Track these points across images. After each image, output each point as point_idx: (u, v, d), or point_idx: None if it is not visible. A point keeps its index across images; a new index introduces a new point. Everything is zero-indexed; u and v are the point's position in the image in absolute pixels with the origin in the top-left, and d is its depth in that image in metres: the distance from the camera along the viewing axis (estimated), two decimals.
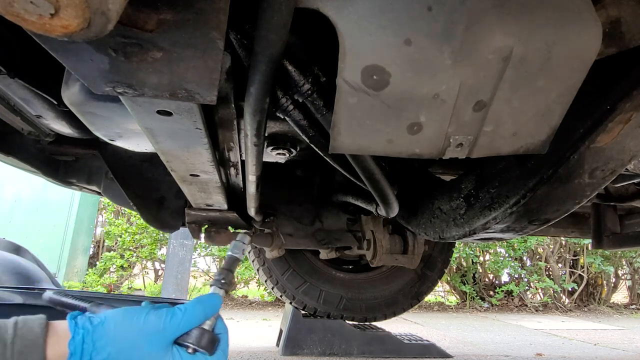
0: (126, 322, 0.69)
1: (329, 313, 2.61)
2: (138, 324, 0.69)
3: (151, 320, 0.69)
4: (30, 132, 1.28)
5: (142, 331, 0.69)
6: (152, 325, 0.69)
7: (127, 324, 0.69)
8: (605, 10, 0.69)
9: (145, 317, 0.70)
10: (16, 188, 5.70)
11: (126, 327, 0.68)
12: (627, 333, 4.83)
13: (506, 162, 0.95)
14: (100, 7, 0.36)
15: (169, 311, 0.72)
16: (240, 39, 0.71)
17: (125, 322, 0.69)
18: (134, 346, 0.68)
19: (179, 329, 0.71)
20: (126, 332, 0.68)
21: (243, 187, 1.33)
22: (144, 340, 0.68)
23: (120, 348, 0.67)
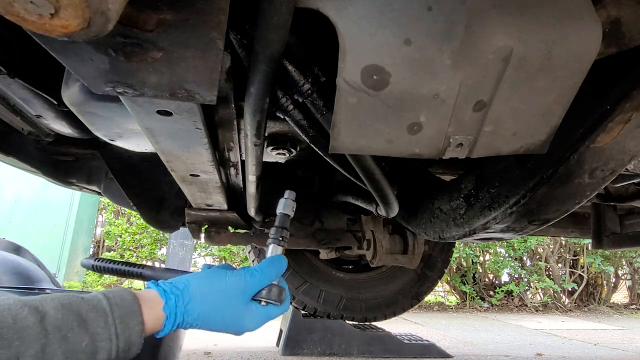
0: (211, 284, 0.76)
1: (329, 313, 2.61)
2: (222, 285, 0.76)
3: (233, 281, 0.77)
4: (30, 132, 1.28)
5: (226, 291, 0.76)
6: (235, 285, 0.77)
7: (212, 285, 0.76)
8: (605, 10, 0.69)
9: (228, 279, 0.77)
10: (16, 188, 5.70)
11: (211, 288, 0.76)
12: (627, 333, 4.83)
13: (506, 162, 0.95)
14: (100, 7, 0.36)
15: (247, 272, 0.80)
16: (240, 39, 0.71)
17: (210, 284, 0.76)
18: (220, 305, 0.75)
19: (257, 287, 0.80)
20: (212, 293, 0.75)
21: (243, 187, 1.33)
22: (228, 299, 0.76)
23: (208, 308, 0.74)
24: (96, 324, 0.62)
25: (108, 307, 0.65)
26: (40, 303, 0.59)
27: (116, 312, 0.65)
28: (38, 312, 0.58)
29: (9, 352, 0.53)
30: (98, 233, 6.99)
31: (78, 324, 0.60)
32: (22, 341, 0.54)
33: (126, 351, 0.65)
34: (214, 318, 0.75)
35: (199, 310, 0.74)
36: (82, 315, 0.61)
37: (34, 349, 0.55)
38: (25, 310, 0.57)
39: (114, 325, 0.64)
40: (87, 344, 0.60)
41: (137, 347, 0.67)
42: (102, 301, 0.65)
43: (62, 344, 0.58)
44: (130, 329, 0.66)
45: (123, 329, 0.65)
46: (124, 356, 0.66)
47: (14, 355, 0.53)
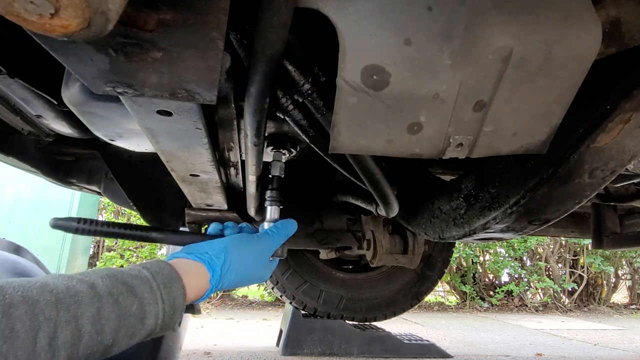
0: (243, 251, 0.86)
1: (329, 313, 2.61)
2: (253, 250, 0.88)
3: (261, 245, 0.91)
4: (30, 132, 1.28)
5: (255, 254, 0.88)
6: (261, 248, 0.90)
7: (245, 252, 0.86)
8: (605, 10, 0.69)
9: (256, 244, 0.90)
10: (16, 188, 5.69)
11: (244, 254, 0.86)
12: (627, 333, 4.83)
13: (506, 162, 0.95)
14: (100, 7, 0.36)
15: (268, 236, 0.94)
16: (240, 39, 0.71)
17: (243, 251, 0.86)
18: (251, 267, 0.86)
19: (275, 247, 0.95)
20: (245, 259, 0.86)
21: (243, 187, 1.33)
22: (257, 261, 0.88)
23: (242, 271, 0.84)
24: (142, 289, 0.65)
25: (150, 275, 0.68)
26: (84, 275, 0.61)
27: (158, 279, 0.68)
28: (86, 281, 0.60)
29: (68, 314, 0.54)
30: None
31: (126, 290, 0.63)
32: (78, 305, 0.56)
33: (171, 316, 0.69)
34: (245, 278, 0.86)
35: (235, 274, 0.83)
36: (128, 283, 0.64)
37: (90, 312, 0.57)
38: (74, 280, 0.59)
39: (159, 290, 0.67)
40: (137, 307, 0.63)
41: (180, 312, 0.71)
42: (142, 271, 0.68)
43: (115, 307, 0.60)
44: (173, 294, 0.69)
45: (167, 293, 0.68)
46: (169, 321, 0.69)
47: (73, 318, 0.55)
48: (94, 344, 0.57)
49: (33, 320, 0.51)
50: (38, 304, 0.52)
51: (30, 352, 0.49)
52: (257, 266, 0.88)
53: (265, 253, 0.91)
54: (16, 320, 0.49)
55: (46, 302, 0.53)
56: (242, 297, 6.45)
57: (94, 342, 0.57)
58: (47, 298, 0.53)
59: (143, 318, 0.64)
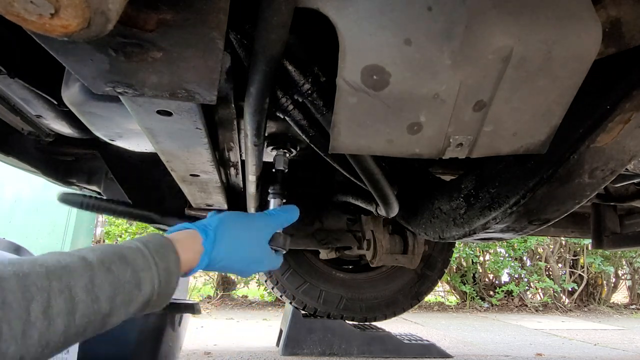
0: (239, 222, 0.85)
1: (329, 313, 2.61)
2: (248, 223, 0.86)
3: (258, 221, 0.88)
4: (30, 132, 1.28)
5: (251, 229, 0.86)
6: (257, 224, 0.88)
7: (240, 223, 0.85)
8: (605, 10, 0.69)
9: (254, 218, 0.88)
10: (16, 188, 5.69)
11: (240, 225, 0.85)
12: (627, 333, 4.83)
13: (506, 162, 0.95)
14: (100, 7, 0.36)
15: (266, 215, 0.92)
16: (240, 39, 0.71)
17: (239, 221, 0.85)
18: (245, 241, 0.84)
19: (274, 229, 0.91)
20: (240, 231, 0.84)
21: (243, 187, 1.34)
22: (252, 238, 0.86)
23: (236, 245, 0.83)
24: (135, 257, 0.65)
25: (141, 244, 0.68)
26: (73, 251, 0.62)
27: (150, 246, 0.68)
28: (76, 255, 0.60)
29: (61, 284, 0.55)
30: (98, 233, 6.99)
31: (118, 258, 0.63)
32: (70, 275, 0.56)
33: (167, 281, 0.69)
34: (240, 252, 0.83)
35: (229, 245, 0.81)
36: (119, 252, 0.64)
37: (83, 281, 0.57)
38: (65, 255, 0.59)
39: (151, 256, 0.67)
40: (131, 274, 0.63)
41: (176, 278, 0.71)
42: (133, 241, 0.69)
43: (108, 275, 0.60)
44: (167, 259, 0.69)
45: (160, 259, 0.68)
46: (166, 287, 0.69)
47: (66, 287, 0.55)
48: (91, 312, 0.57)
49: (25, 291, 0.51)
50: (29, 277, 0.52)
51: (25, 321, 0.50)
52: (253, 244, 0.85)
53: (261, 231, 0.88)
54: (7, 292, 0.49)
55: (37, 274, 0.53)
56: (242, 297, 6.46)
57: (90, 311, 0.57)
58: (37, 270, 0.54)
59: (138, 284, 0.64)
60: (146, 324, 1.78)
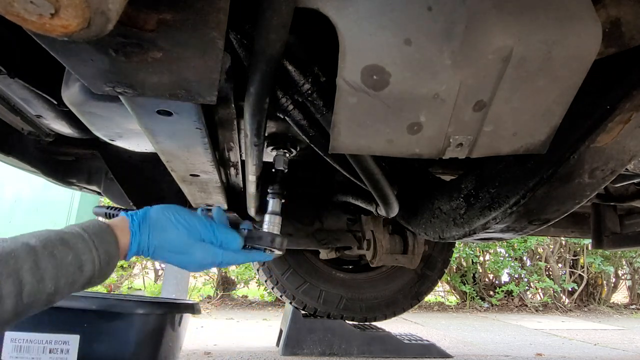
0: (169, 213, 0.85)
1: (329, 313, 2.61)
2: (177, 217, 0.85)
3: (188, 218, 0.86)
4: (30, 132, 1.28)
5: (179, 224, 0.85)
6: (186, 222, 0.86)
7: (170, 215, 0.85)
8: (605, 10, 0.69)
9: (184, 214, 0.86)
10: (16, 188, 5.69)
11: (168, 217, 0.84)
12: (627, 333, 4.83)
13: (506, 162, 0.95)
14: (100, 7, 0.36)
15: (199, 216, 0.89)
16: (240, 39, 0.71)
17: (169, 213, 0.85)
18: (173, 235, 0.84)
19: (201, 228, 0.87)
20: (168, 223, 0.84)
21: (243, 187, 1.34)
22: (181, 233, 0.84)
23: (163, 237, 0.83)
24: (75, 241, 0.70)
25: (81, 230, 0.73)
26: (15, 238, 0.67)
27: (89, 231, 0.73)
28: (19, 241, 0.65)
29: (9, 268, 0.61)
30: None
31: (60, 243, 0.68)
32: (16, 259, 0.62)
33: (107, 262, 0.74)
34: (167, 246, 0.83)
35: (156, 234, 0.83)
36: (60, 237, 0.69)
37: (28, 264, 0.63)
38: (9, 241, 0.65)
39: (91, 240, 0.72)
40: (72, 257, 0.68)
41: (116, 259, 0.77)
42: (73, 227, 0.74)
43: (51, 259, 0.66)
44: (106, 243, 0.75)
45: (100, 242, 0.73)
46: (106, 267, 0.74)
47: (14, 271, 0.61)
48: (36, 291, 0.63)
49: None
50: None
51: None
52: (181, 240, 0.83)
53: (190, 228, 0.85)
54: None
55: None
56: (242, 297, 6.45)
57: (36, 290, 0.63)
58: None
59: (80, 266, 0.69)
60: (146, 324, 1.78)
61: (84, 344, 1.53)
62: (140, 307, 1.68)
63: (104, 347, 1.64)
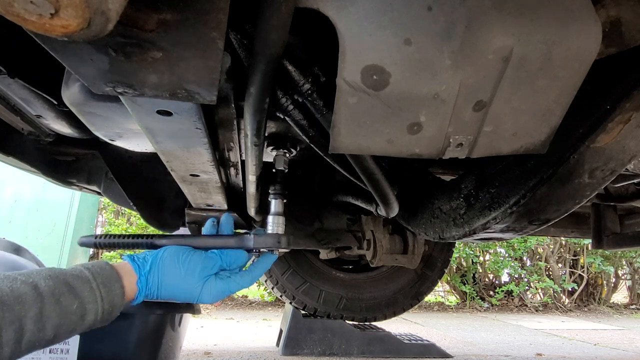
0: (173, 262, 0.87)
1: (329, 313, 2.61)
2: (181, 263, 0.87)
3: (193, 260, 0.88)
4: (30, 132, 1.28)
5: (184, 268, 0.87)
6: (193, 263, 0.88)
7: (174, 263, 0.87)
8: (605, 10, 0.69)
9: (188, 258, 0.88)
10: (16, 188, 5.69)
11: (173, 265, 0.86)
12: (627, 333, 4.83)
13: (506, 162, 0.95)
14: (100, 7, 0.36)
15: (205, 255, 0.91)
16: (240, 39, 0.71)
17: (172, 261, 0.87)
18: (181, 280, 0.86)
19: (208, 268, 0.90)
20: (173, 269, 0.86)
21: (243, 187, 1.33)
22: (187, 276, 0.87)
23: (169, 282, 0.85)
24: (83, 289, 0.70)
25: (90, 275, 0.72)
26: (28, 276, 0.66)
27: (98, 279, 0.73)
28: (29, 282, 0.64)
29: (13, 315, 0.59)
30: (98, 233, 6.98)
31: (67, 290, 0.68)
32: (22, 305, 0.61)
33: (109, 312, 0.74)
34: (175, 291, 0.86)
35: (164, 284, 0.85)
36: (69, 283, 0.69)
37: (33, 312, 0.62)
38: (18, 282, 0.63)
39: (98, 289, 0.72)
40: (77, 306, 0.68)
41: (118, 309, 0.77)
42: (83, 271, 0.73)
43: (56, 307, 0.65)
44: (112, 293, 0.74)
45: (107, 293, 0.73)
46: (108, 317, 0.75)
47: (17, 318, 0.60)
48: (36, 339, 0.62)
49: None
50: None
51: None
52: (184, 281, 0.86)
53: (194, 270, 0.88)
54: None
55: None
56: (242, 297, 6.45)
57: (36, 338, 0.62)
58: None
59: (83, 315, 0.69)
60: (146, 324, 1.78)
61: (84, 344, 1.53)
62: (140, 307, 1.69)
63: (104, 347, 1.64)
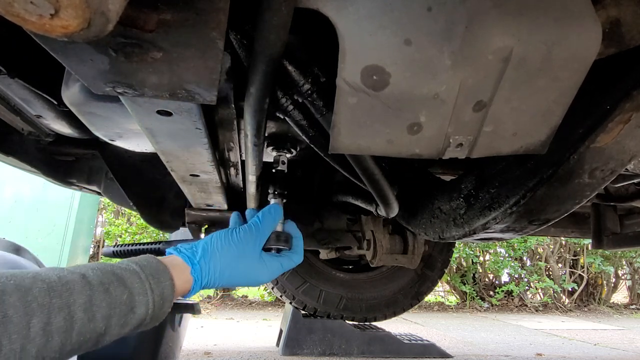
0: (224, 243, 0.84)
1: (329, 313, 2.61)
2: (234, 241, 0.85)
3: (242, 236, 0.86)
4: (30, 132, 1.28)
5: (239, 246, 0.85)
6: (244, 239, 0.86)
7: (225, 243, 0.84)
8: (605, 11, 0.69)
9: (237, 235, 0.86)
10: (16, 188, 5.69)
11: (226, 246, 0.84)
12: (627, 333, 4.83)
13: (506, 162, 0.95)
14: (100, 7, 0.36)
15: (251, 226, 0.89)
16: (240, 39, 0.71)
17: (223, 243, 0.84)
18: (236, 260, 0.84)
19: (263, 237, 0.89)
20: (227, 251, 0.84)
21: (243, 187, 1.34)
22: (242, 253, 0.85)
23: (226, 265, 0.83)
24: (132, 280, 0.67)
25: (138, 267, 0.69)
26: (75, 268, 0.63)
27: (146, 270, 0.70)
28: (77, 272, 0.61)
29: (61, 301, 0.56)
30: (98, 233, 6.98)
31: (116, 280, 0.65)
32: (70, 292, 0.58)
33: (161, 306, 0.70)
34: (233, 273, 0.83)
35: (220, 268, 0.82)
36: (117, 274, 0.66)
37: (82, 299, 0.59)
38: (66, 271, 0.61)
39: (148, 281, 0.69)
40: (127, 297, 0.65)
41: (169, 303, 0.73)
42: (130, 264, 0.70)
43: (106, 296, 0.62)
44: (162, 284, 0.71)
45: (156, 284, 0.70)
46: (159, 311, 0.70)
47: (65, 305, 0.57)
48: (87, 330, 0.59)
49: (26, 306, 0.52)
50: (31, 292, 0.53)
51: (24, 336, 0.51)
52: (243, 260, 0.84)
53: (247, 246, 0.86)
54: (9, 307, 0.50)
55: (39, 289, 0.54)
56: (242, 297, 6.45)
57: (87, 329, 0.59)
58: (39, 286, 0.55)
59: (133, 307, 0.66)
60: None
61: None
62: None
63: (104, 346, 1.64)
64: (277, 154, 1.11)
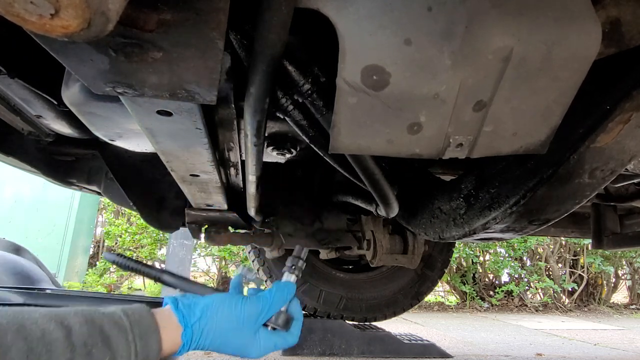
0: (225, 312, 0.80)
1: (329, 313, 2.61)
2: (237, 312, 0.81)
3: (247, 309, 0.82)
4: (30, 132, 1.28)
5: (238, 320, 0.80)
6: (247, 314, 0.81)
7: (227, 312, 0.80)
8: (605, 10, 0.69)
9: (242, 307, 0.82)
10: (16, 188, 5.69)
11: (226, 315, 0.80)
12: (627, 333, 4.83)
13: (506, 162, 0.95)
14: (100, 7, 0.36)
15: (259, 299, 0.84)
16: (240, 39, 0.71)
17: (225, 312, 0.80)
18: (231, 333, 0.80)
19: (267, 314, 0.84)
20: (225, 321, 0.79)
21: (243, 187, 1.33)
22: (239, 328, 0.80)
23: (220, 335, 0.79)
24: (118, 341, 0.65)
25: (128, 324, 0.67)
26: (65, 317, 0.62)
27: (136, 330, 0.68)
28: (64, 326, 0.60)
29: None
30: (98, 233, 6.99)
31: (102, 340, 0.63)
32: (50, 355, 0.56)
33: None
34: (225, 342, 0.79)
35: (212, 336, 0.78)
36: (105, 332, 0.64)
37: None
38: (52, 325, 0.59)
39: (134, 342, 0.66)
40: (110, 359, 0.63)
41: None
42: (122, 318, 0.68)
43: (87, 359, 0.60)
44: (148, 347, 0.69)
45: (142, 347, 0.68)
46: None
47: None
48: None
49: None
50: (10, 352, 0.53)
51: None
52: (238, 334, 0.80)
53: (249, 320, 0.81)
54: None
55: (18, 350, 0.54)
56: None
57: None
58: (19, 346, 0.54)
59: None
60: None
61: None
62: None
63: None
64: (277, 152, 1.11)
